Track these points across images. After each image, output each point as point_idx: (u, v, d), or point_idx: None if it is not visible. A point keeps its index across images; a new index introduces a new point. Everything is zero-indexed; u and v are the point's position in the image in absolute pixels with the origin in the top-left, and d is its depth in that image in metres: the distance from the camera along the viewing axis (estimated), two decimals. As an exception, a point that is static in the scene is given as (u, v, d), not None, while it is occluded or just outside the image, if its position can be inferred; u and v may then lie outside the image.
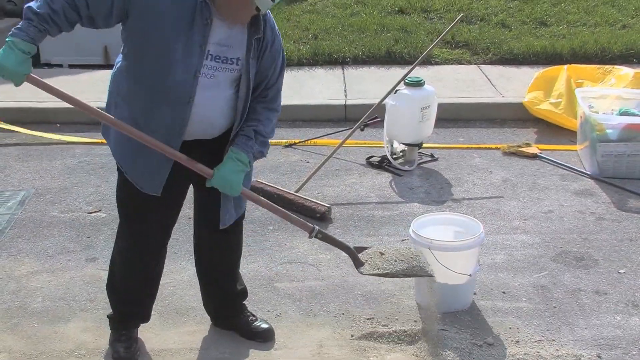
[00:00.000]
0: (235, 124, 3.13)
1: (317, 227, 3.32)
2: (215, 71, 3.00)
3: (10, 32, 2.79)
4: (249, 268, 4.25)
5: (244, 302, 3.73)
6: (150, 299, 3.57)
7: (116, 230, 3.49)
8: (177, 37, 2.90)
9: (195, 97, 2.99)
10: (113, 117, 3.04)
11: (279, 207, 3.36)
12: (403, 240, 4.56)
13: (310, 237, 3.33)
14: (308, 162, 5.88)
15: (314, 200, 4.95)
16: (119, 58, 3.13)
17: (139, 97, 3.04)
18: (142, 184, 3.17)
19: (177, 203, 3.37)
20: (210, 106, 3.04)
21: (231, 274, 3.65)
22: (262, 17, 3.01)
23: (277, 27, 3.16)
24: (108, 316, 3.60)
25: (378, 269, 3.38)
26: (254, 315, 3.71)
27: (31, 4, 2.83)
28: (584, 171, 5.69)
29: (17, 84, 2.87)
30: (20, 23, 2.83)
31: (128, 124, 3.01)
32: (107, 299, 3.60)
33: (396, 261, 3.41)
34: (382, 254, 3.45)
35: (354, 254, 3.42)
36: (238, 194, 3.12)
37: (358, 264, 3.41)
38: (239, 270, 3.70)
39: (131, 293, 3.49)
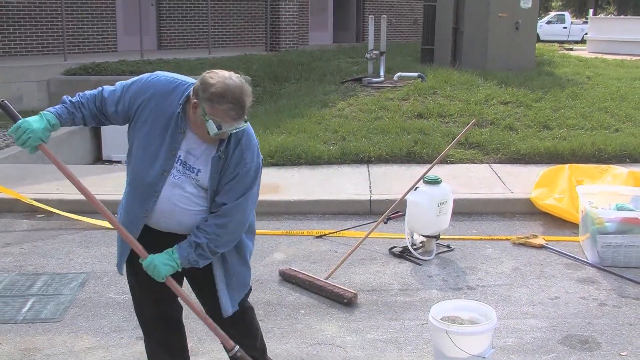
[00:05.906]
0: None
1: (237, 346, 3.22)
2: (182, 175, 3.05)
3: (46, 109, 3.08)
4: (282, 348, 4.22)
5: None
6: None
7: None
8: (153, 139, 3.03)
9: (161, 192, 3.06)
10: (97, 201, 3.25)
11: (206, 317, 3.23)
12: (422, 324, 4.50)
13: (229, 355, 3.25)
14: (337, 251, 5.87)
15: (342, 287, 4.93)
16: None
17: (127, 186, 3.23)
18: (119, 264, 3.36)
19: (166, 294, 3.27)
20: (172, 202, 3.06)
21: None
22: (233, 139, 3.00)
23: (253, 153, 3.05)
24: None
25: None
26: None
27: (69, 96, 3.16)
28: (586, 260, 5.63)
29: (32, 149, 3.02)
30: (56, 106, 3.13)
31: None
32: None
33: None
34: None
35: None
36: (161, 280, 3.04)
37: None
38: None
39: None
